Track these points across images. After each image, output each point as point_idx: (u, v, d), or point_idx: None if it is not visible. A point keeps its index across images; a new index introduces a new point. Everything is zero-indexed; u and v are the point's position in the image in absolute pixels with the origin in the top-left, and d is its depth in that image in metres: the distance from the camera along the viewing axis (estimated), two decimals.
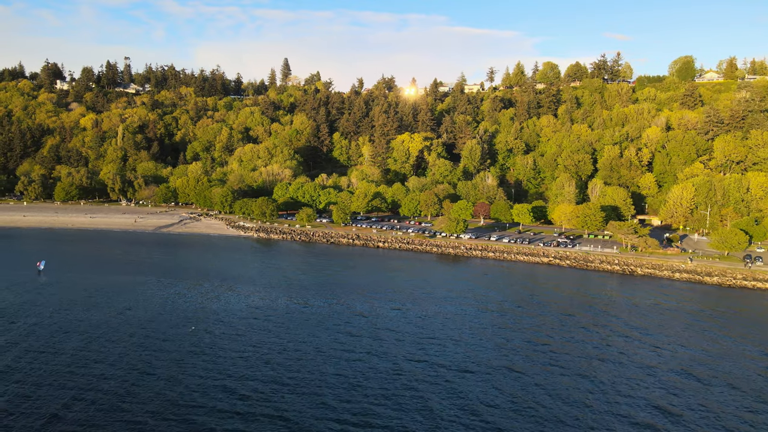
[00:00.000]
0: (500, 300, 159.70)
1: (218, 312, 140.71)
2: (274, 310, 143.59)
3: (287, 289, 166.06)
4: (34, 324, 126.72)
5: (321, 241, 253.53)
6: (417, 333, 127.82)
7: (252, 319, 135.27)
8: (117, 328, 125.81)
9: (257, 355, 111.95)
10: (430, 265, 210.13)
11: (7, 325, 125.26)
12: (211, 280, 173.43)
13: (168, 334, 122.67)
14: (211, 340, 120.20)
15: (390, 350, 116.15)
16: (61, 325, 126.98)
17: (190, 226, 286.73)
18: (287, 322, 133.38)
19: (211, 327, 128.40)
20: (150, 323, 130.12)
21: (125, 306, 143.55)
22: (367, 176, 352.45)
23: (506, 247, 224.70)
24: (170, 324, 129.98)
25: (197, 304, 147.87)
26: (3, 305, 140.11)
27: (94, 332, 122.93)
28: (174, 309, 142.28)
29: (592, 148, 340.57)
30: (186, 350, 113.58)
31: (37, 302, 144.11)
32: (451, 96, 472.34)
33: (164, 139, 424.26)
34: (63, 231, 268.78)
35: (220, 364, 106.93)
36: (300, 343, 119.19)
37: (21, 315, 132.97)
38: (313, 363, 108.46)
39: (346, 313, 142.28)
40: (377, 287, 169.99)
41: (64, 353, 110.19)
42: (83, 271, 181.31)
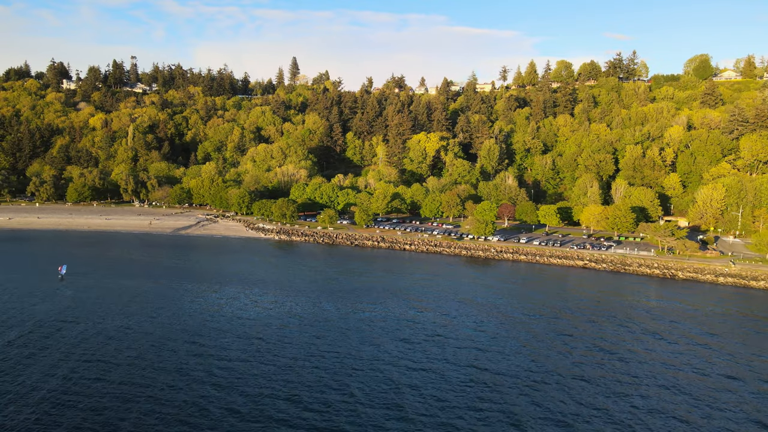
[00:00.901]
0: (548, 304, 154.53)
1: (263, 319, 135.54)
2: (319, 317, 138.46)
3: (327, 294, 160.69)
4: (80, 333, 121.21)
5: (344, 243, 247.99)
6: (476, 339, 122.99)
7: (298, 326, 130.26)
8: (166, 337, 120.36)
9: (319, 364, 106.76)
10: (462, 269, 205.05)
11: (53, 335, 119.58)
12: (245, 286, 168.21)
13: (220, 342, 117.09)
14: (266, 347, 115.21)
15: (454, 358, 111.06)
16: (107, 334, 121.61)
17: (208, 228, 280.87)
18: (337, 330, 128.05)
19: (261, 334, 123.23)
20: (195, 331, 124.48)
21: (164, 313, 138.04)
22: (385, 176, 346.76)
23: (538, 250, 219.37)
24: (218, 331, 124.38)
25: (238, 310, 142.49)
26: (40, 315, 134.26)
27: (143, 341, 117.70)
28: (218, 316, 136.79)
29: (613, 148, 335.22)
30: (245, 359, 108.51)
31: (73, 310, 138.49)
32: (464, 95, 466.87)
33: (174, 139, 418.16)
34: (79, 233, 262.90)
35: (285, 375, 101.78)
36: (358, 352, 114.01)
37: (61, 324, 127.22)
38: (382, 373, 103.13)
39: (394, 319, 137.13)
40: (417, 292, 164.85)
41: (120, 364, 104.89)
42: (107, 276, 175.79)
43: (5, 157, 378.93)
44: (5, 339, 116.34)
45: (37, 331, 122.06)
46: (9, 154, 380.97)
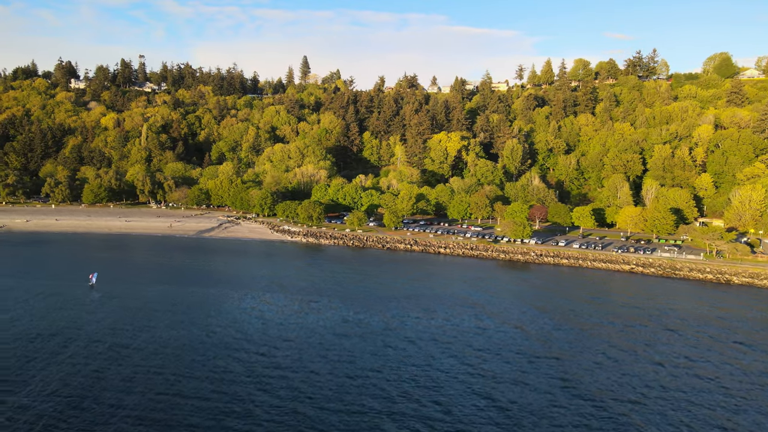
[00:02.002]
0: (616, 312, 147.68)
1: (325, 327, 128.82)
2: (380, 325, 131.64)
3: (378, 300, 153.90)
4: (138, 345, 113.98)
5: (375, 246, 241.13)
6: (549, 353, 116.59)
7: (361, 336, 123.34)
8: (232, 347, 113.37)
9: (384, 379, 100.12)
10: (506, 273, 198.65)
11: (110, 349, 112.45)
12: (289, 292, 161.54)
13: (291, 353, 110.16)
14: (342, 358, 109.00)
15: (533, 378, 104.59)
16: (164, 344, 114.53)
17: (231, 230, 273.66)
18: (395, 340, 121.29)
19: (329, 343, 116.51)
20: (258, 340, 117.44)
21: (215, 321, 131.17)
22: (406, 177, 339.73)
23: (580, 254, 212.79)
24: (283, 341, 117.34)
25: (293, 318, 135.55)
26: (89, 327, 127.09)
27: (208, 352, 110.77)
28: (275, 324, 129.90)
29: (640, 148, 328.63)
30: (322, 371, 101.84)
31: (118, 320, 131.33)
32: (480, 94, 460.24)
33: (188, 139, 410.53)
34: (100, 236, 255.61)
35: (361, 389, 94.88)
36: (425, 365, 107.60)
37: (114, 336, 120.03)
38: (456, 391, 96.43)
39: (451, 329, 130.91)
40: (467, 299, 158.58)
41: (197, 377, 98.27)
42: (141, 282, 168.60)
43: (17, 158, 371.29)
44: (66, 353, 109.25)
45: (93, 345, 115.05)
46: (20, 154, 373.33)
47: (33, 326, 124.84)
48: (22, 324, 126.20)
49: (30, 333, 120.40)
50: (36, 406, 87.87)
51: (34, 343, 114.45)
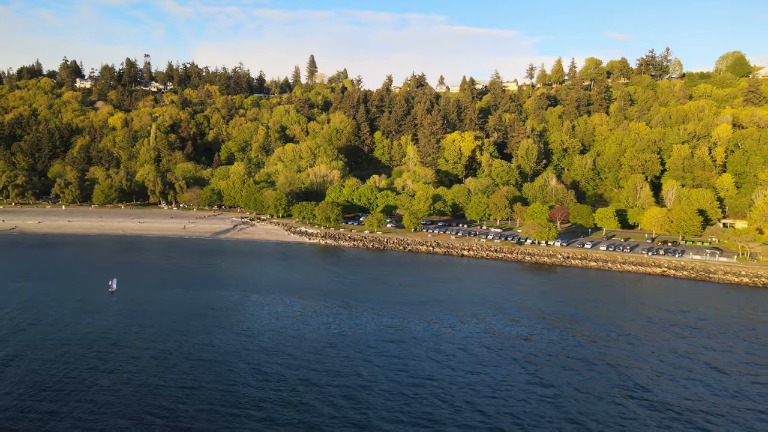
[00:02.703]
0: (659, 318, 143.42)
1: (364, 334, 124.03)
2: (413, 331, 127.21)
3: (407, 306, 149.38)
4: (170, 354, 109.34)
5: (396, 248, 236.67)
6: (605, 359, 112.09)
7: (398, 342, 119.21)
8: (269, 353, 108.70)
9: (442, 387, 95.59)
10: (535, 277, 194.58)
11: (142, 359, 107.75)
12: (317, 296, 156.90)
13: (338, 363, 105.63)
14: (392, 366, 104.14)
15: (595, 385, 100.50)
16: (197, 354, 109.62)
17: (247, 232, 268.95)
18: (443, 346, 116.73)
19: (370, 351, 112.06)
20: (299, 349, 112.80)
21: (246, 327, 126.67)
22: (421, 177, 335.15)
23: (608, 256, 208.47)
24: (324, 346, 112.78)
25: (328, 325, 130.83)
26: (116, 334, 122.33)
27: (254, 360, 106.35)
28: (311, 332, 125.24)
29: (657, 147, 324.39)
30: (376, 380, 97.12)
31: (146, 328, 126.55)
32: (490, 93, 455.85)
33: (197, 139, 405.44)
34: (114, 238, 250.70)
35: (422, 398, 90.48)
36: (480, 372, 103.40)
37: (144, 345, 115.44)
38: (519, 401, 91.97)
39: (496, 335, 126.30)
40: (503, 303, 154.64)
41: (253, 385, 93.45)
42: (163, 287, 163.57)
43: (24, 158, 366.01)
44: (109, 365, 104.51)
45: (121, 351, 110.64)
46: (28, 154, 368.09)
47: (66, 336, 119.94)
48: (58, 334, 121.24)
49: (66, 343, 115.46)
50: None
51: (73, 353, 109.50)
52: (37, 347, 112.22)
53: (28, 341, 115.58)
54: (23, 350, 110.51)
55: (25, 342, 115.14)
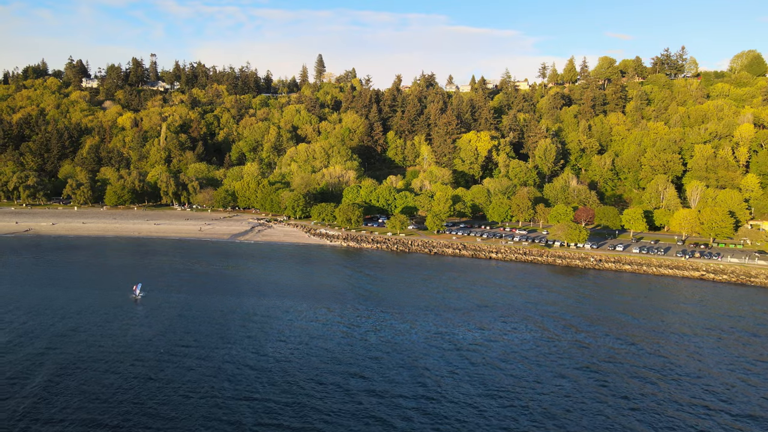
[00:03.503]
0: (720, 325, 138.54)
1: (406, 343, 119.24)
2: (460, 339, 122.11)
3: (447, 312, 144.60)
4: (214, 364, 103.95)
5: (421, 251, 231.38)
6: (678, 369, 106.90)
7: (446, 351, 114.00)
8: (322, 365, 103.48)
9: (515, 403, 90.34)
10: (571, 281, 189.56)
11: (180, 368, 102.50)
12: (352, 303, 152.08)
13: (389, 375, 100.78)
14: (449, 379, 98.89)
15: (680, 394, 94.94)
16: (245, 363, 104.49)
17: (265, 234, 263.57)
18: (503, 357, 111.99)
19: (421, 362, 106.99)
20: (347, 359, 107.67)
21: (291, 336, 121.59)
22: (438, 178, 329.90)
23: (643, 259, 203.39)
24: (375, 360, 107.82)
25: (371, 333, 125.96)
26: (158, 343, 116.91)
27: (297, 374, 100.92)
28: (357, 340, 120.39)
29: (679, 147, 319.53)
30: (444, 392, 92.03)
31: (182, 335, 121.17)
32: (503, 93, 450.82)
33: (207, 139, 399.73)
34: (132, 240, 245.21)
35: (494, 413, 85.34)
36: (548, 385, 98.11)
37: (183, 354, 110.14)
38: (592, 414, 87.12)
39: (550, 343, 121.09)
40: (548, 309, 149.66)
41: (309, 394, 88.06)
42: (191, 292, 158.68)
43: (33, 158, 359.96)
44: (155, 372, 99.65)
45: (170, 361, 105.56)
46: (37, 154, 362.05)
47: (111, 345, 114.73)
48: (104, 342, 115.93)
49: (113, 352, 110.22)
50: None
51: (121, 362, 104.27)
52: (85, 357, 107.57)
53: (74, 350, 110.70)
54: (72, 360, 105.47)
55: (71, 351, 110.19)
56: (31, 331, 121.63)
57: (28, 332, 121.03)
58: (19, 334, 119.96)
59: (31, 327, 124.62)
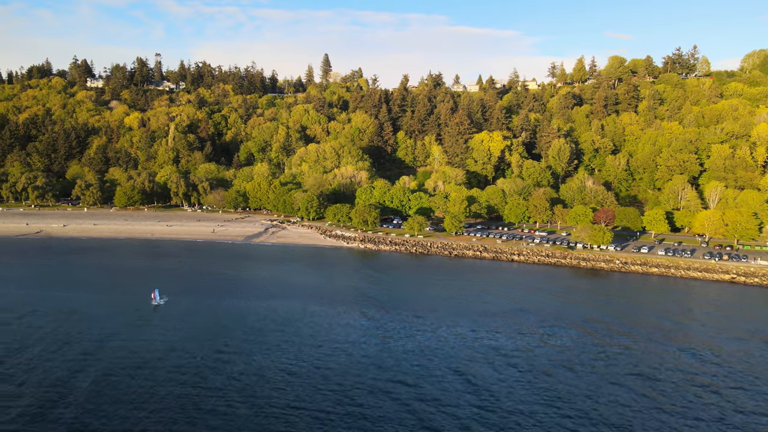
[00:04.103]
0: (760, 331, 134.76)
1: (449, 350, 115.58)
2: (503, 347, 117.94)
3: (483, 318, 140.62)
4: (249, 374, 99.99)
5: (441, 253, 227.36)
6: (742, 382, 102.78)
7: (503, 357, 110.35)
8: (376, 368, 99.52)
9: (576, 414, 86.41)
10: (600, 284, 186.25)
11: (250, 375, 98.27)
12: (382, 307, 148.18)
13: (440, 387, 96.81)
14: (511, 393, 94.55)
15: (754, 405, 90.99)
16: (285, 369, 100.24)
17: (280, 235, 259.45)
18: (550, 363, 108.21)
19: (471, 372, 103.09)
20: (396, 369, 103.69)
21: (330, 340, 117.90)
22: (451, 178, 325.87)
23: (670, 261, 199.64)
24: (425, 370, 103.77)
25: (415, 338, 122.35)
26: (194, 352, 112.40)
27: (354, 376, 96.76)
28: (396, 348, 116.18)
29: (695, 147, 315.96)
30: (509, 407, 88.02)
31: (212, 341, 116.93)
32: (512, 93, 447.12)
33: (215, 139, 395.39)
34: (145, 242, 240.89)
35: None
36: (611, 395, 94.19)
37: (218, 361, 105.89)
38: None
39: (596, 350, 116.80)
40: (585, 314, 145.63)
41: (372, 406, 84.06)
42: (216, 297, 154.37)
43: (40, 159, 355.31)
44: (200, 380, 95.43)
45: (212, 370, 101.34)
46: (44, 155, 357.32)
47: (147, 350, 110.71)
48: (137, 346, 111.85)
49: (151, 360, 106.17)
50: None
51: (161, 368, 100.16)
52: (124, 364, 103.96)
53: (111, 357, 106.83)
54: (111, 367, 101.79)
55: (109, 358, 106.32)
56: (64, 338, 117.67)
57: (62, 338, 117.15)
58: (52, 340, 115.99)
59: (62, 333, 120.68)
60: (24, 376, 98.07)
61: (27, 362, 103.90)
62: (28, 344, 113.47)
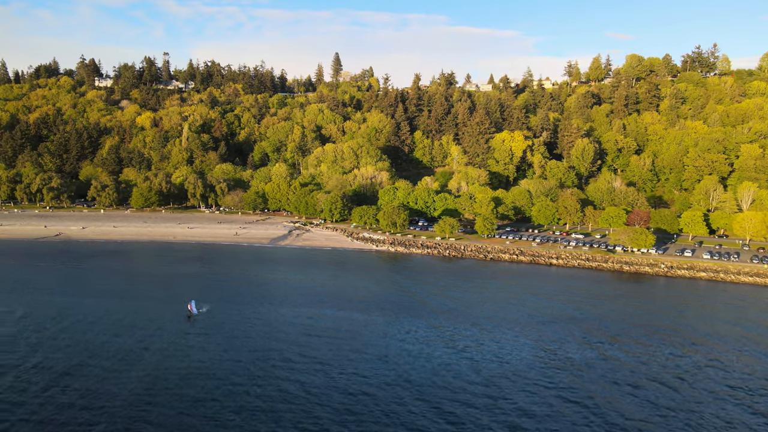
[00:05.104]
0: None
1: (520, 364, 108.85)
2: (580, 360, 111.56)
3: (548, 326, 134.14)
4: (318, 386, 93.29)
5: (475, 256, 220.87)
6: None
7: (572, 372, 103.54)
8: (444, 386, 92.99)
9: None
10: (649, 289, 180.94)
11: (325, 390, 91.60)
12: (436, 316, 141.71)
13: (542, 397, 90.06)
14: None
15: None
16: (401, 380, 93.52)
17: (306, 238, 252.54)
18: (628, 380, 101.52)
19: (541, 384, 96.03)
20: (454, 376, 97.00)
21: (391, 354, 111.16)
22: (473, 179, 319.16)
23: (718, 266, 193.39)
24: (490, 375, 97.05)
25: (480, 352, 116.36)
26: (254, 372, 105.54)
27: (426, 395, 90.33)
28: (483, 360, 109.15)
29: (723, 147, 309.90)
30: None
31: (288, 358, 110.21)
32: (528, 91, 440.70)
33: (228, 139, 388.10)
34: (168, 245, 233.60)
35: None
36: (697, 413, 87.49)
37: (282, 375, 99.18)
38: None
39: (692, 362, 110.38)
40: (662, 322, 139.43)
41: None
42: (257, 304, 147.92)
43: (51, 159, 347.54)
44: (258, 400, 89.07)
45: (272, 385, 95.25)
46: (55, 155, 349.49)
47: (195, 365, 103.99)
48: (187, 361, 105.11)
49: (199, 373, 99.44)
50: None
51: (214, 378, 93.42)
52: (192, 373, 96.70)
53: (159, 371, 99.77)
54: (180, 378, 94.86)
55: (158, 372, 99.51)
56: (123, 353, 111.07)
57: (121, 351, 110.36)
58: (112, 352, 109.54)
59: (118, 344, 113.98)
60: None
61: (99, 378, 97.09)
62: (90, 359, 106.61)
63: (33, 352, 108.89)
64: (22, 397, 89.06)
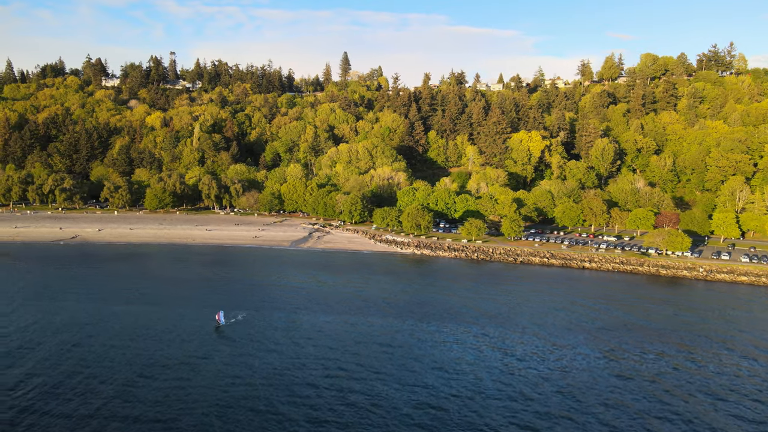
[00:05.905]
0: None
1: (591, 375, 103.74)
2: (651, 370, 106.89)
3: (607, 332, 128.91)
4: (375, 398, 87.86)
5: (505, 260, 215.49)
6: None
7: (649, 382, 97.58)
8: (521, 400, 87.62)
9: None
10: (692, 294, 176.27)
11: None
12: (486, 322, 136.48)
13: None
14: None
15: None
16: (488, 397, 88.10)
17: (327, 240, 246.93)
18: (694, 389, 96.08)
19: (620, 398, 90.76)
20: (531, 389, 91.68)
21: (453, 363, 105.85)
22: (492, 179, 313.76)
23: (760, 270, 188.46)
24: (563, 387, 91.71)
25: (545, 362, 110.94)
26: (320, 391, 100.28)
27: (508, 412, 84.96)
28: (534, 372, 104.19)
29: (746, 147, 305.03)
30: None
31: (345, 369, 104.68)
32: (541, 91, 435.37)
33: (239, 139, 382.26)
34: (188, 248, 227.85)
35: None
36: None
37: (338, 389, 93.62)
38: None
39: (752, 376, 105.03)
40: (716, 330, 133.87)
41: None
42: (291, 311, 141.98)
43: (61, 159, 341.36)
44: (323, 413, 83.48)
45: (335, 398, 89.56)
46: (65, 155, 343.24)
47: (241, 375, 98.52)
48: (230, 371, 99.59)
49: (244, 383, 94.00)
50: None
51: (269, 387, 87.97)
52: (242, 390, 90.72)
53: (224, 381, 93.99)
54: (231, 391, 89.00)
55: (209, 383, 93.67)
56: (160, 359, 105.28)
57: (155, 362, 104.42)
58: (147, 363, 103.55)
59: (161, 355, 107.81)
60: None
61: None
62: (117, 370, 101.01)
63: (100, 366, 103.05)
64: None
